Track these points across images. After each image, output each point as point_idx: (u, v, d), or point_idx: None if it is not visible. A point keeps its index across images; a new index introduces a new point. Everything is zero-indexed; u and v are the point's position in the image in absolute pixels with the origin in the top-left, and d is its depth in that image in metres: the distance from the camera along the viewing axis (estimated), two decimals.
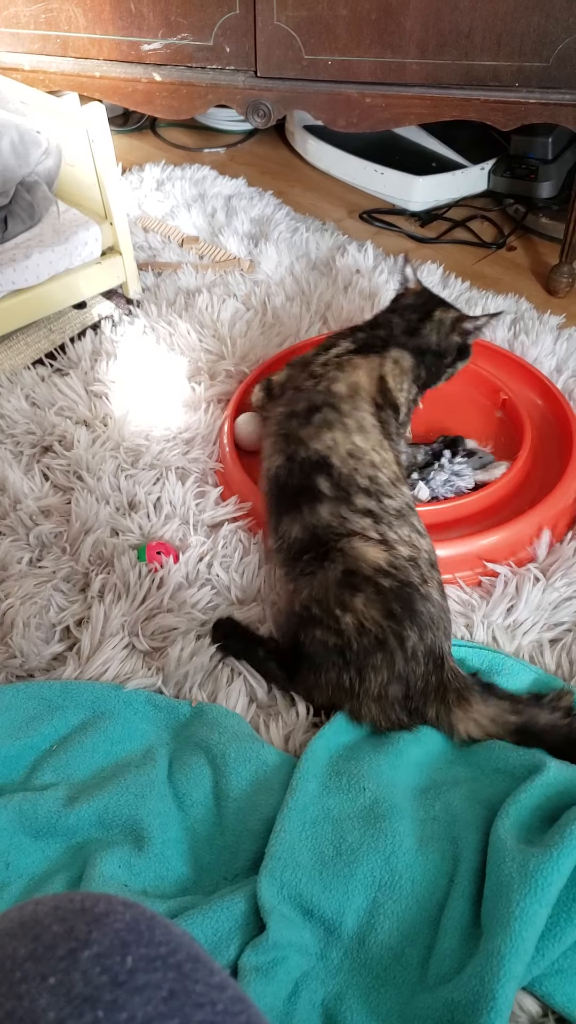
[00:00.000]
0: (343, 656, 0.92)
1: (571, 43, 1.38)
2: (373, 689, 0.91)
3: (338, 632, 0.92)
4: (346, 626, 0.91)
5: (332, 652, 0.92)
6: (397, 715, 0.91)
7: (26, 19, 1.64)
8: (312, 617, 0.94)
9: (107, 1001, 0.35)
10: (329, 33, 1.48)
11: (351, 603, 0.91)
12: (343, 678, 0.92)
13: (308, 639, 0.94)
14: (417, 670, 0.90)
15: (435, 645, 0.92)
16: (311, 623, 0.94)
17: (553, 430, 1.31)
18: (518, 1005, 0.72)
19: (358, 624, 0.91)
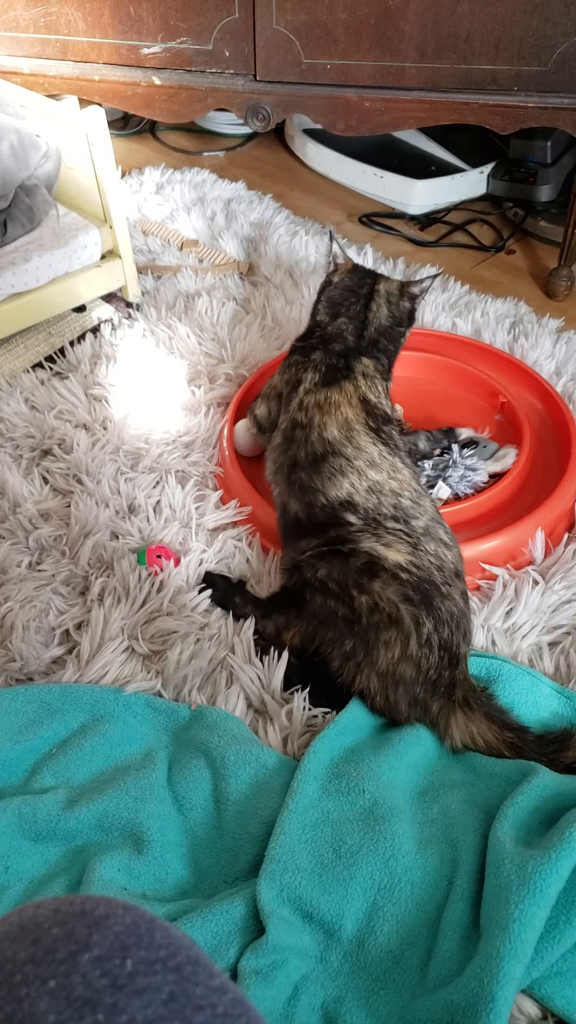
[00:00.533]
0: (351, 627, 0.93)
1: (569, 47, 1.39)
2: (381, 663, 0.91)
3: (350, 607, 0.93)
4: (359, 605, 0.92)
5: (339, 620, 0.93)
6: (396, 697, 0.91)
7: (25, 23, 1.65)
8: (326, 589, 0.95)
9: (107, 1004, 0.35)
10: (328, 37, 1.49)
11: (368, 585, 0.93)
12: (344, 642, 0.93)
13: (314, 602, 0.95)
14: (430, 658, 0.90)
15: (452, 642, 0.92)
16: (323, 592, 0.95)
17: (552, 433, 1.32)
18: (517, 1007, 0.72)
19: (372, 604, 0.92)
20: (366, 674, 0.92)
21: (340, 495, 1.00)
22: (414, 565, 0.94)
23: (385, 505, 0.99)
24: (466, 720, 0.91)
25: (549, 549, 1.14)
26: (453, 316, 1.60)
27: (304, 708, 0.97)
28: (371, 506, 0.99)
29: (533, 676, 0.97)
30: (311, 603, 0.96)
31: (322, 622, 0.95)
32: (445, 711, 0.91)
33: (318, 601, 0.95)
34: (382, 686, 0.92)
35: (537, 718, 0.95)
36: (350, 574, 0.94)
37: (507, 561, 1.12)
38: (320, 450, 1.02)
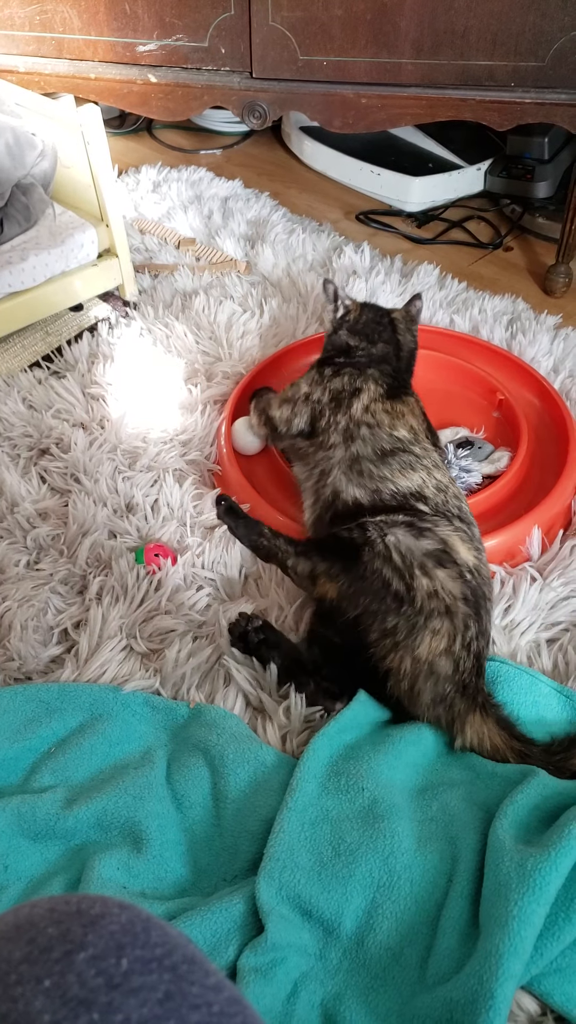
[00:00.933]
0: (399, 604, 0.92)
1: (567, 42, 1.38)
2: (421, 649, 0.90)
3: (407, 585, 0.92)
4: (419, 586, 0.92)
5: (389, 594, 0.92)
6: (423, 687, 0.90)
7: (21, 21, 1.64)
8: (388, 557, 0.93)
9: (102, 1003, 0.35)
10: (324, 34, 1.49)
11: (433, 572, 0.92)
12: (388, 618, 0.92)
13: (371, 565, 0.93)
14: (467, 662, 0.91)
15: (482, 653, 0.93)
16: (383, 559, 0.93)
17: (550, 430, 1.31)
18: (517, 1004, 0.72)
19: (432, 590, 0.91)
20: (401, 655, 0.91)
21: (412, 486, 1.01)
22: (479, 571, 0.94)
23: (452, 506, 1.02)
24: (482, 722, 0.90)
25: (546, 546, 1.14)
26: (451, 313, 1.60)
27: (301, 708, 0.97)
28: (440, 502, 1.01)
29: (532, 675, 0.97)
30: (366, 565, 0.94)
31: (368, 590, 0.93)
32: (465, 712, 0.91)
33: (375, 566, 0.93)
34: (414, 672, 0.90)
35: (537, 717, 0.94)
36: (418, 553, 0.93)
37: (505, 559, 1.12)
38: (389, 447, 1.05)
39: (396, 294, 1.65)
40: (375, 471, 1.03)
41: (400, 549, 0.93)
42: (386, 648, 0.92)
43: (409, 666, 0.91)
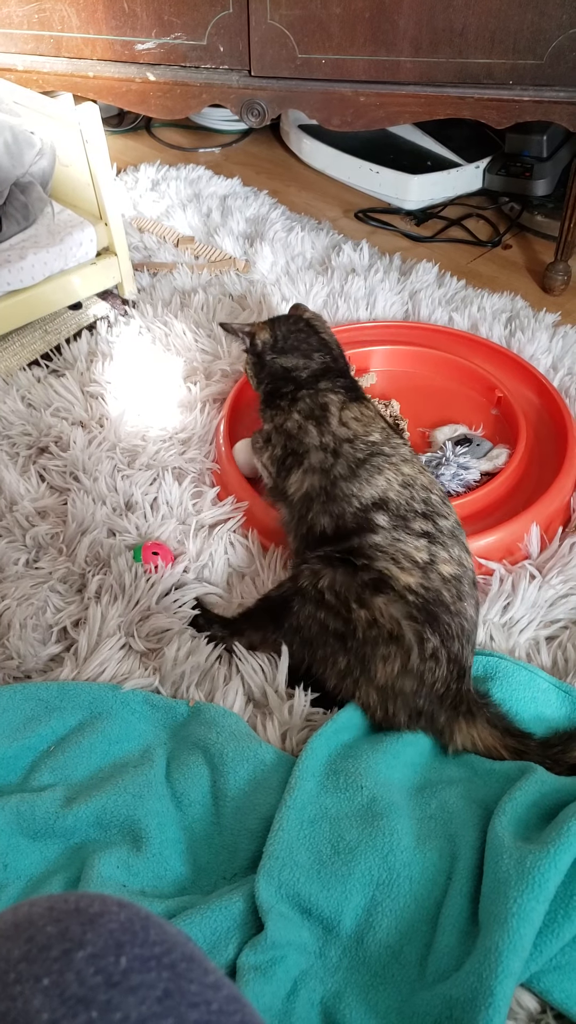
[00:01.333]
0: (343, 642, 0.92)
1: (565, 40, 1.38)
2: (379, 678, 0.90)
3: (345, 620, 0.92)
4: (356, 618, 0.92)
5: (329, 635, 0.93)
6: (395, 710, 0.91)
7: (19, 19, 1.64)
8: (320, 600, 0.94)
9: (101, 1001, 0.35)
10: (323, 32, 1.48)
11: (370, 600, 0.92)
12: (337, 660, 0.93)
13: (302, 613, 0.95)
14: (436, 671, 0.90)
15: (461, 655, 0.92)
16: (316, 604, 0.94)
17: (548, 428, 1.31)
18: (516, 1001, 0.72)
19: (371, 619, 0.91)
20: (364, 690, 0.92)
21: (375, 493, 1.00)
22: (424, 587, 0.93)
23: (417, 500, 1.00)
24: (468, 727, 0.90)
25: (545, 544, 1.14)
26: (450, 311, 1.60)
27: (304, 705, 0.97)
28: (403, 501, 1.00)
29: (530, 671, 0.97)
30: (297, 614, 0.95)
31: (308, 637, 0.95)
32: (449, 721, 0.90)
33: (306, 612, 0.95)
34: (381, 700, 0.91)
35: (535, 714, 0.95)
36: (353, 587, 0.93)
37: (504, 556, 1.12)
38: (363, 455, 1.04)
39: (395, 292, 1.65)
40: (344, 491, 1.01)
41: (334, 588, 0.94)
42: (348, 688, 0.93)
43: (375, 697, 0.91)
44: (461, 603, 0.94)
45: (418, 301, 1.62)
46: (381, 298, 1.63)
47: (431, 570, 0.94)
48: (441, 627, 0.91)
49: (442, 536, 0.98)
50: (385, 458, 1.04)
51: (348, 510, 1.00)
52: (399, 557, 0.94)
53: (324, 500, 1.02)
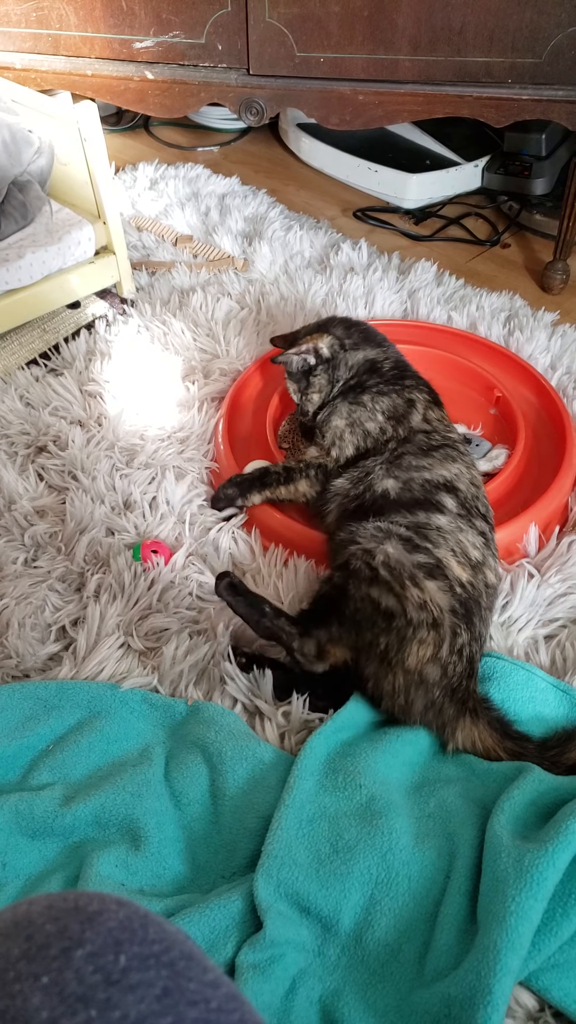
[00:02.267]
0: (389, 621, 0.91)
1: (564, 39, 1.38)
2: (410, 661, 0.90)
3: (398, 597, 0.92)
4: (410, 596, 0.92)
5: (379, 615, 0.92)
6: (414, 697, 0.91)
7: (17, 17, 1.64)
8: (374, 578, 0.93)
9: (100, 1000, 0.35)
10: (321, 30, 1.48)
11: (424, 583, 0.93)
12: (379, 641, 0.91)
13: (358, 595, 0.93)
14: (457, 667, 0.91)
15: (475, 657, 0.93)
16: (369, 582, 0.93)
17: (547, 427, 1.31)
18: (515, 1000, 0.73)
19: (422, 601, 0.91)
20: (394, 672, 0.91)
21: (447, 475, 1.03)
22: (471, 584, 0.95)
23: (481, 503, 1.04)
24: (472, 725, 0.91)
25: (543, 543, 1.14)
26: (448, 310, 1.60)
27: (303, 712, 0.96)
28: (471, 496, 1.03)
29: (528, 671, 0.97)
30: (353, 599, 0.93)
31: (360, 620, 0.93)
32: (455, 716, 0.91)
33: (361, 593, 0.93)
34: (406, 685, 0.91)
35: (534, 713, 0.95)
36: (408, 566, 0.94)
37: (503, 556, 1.12)
38: (438, 443, 1.08)
39: (394, 291, 1.65)
40: (414, 462, 1.05)
41: (390, 563, 0.94)
42: (382, 673, 0.92)
43: (402, 680, 0.91)
44: (489, 613, 0.98)
45: (417, 300, 1.62)
46: (380, 297, 1.63)
47: (479, 571, 0.96)
48: (473, 627, 0.93)
49: (492, 544, 1.01)
50: (460, 454, 1.08)
51: (416, 478, 1.02)
52: (458, 549, 0.96)
53: (387, 465, 1.05)
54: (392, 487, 1.03)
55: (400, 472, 1.04)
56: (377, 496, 1.03)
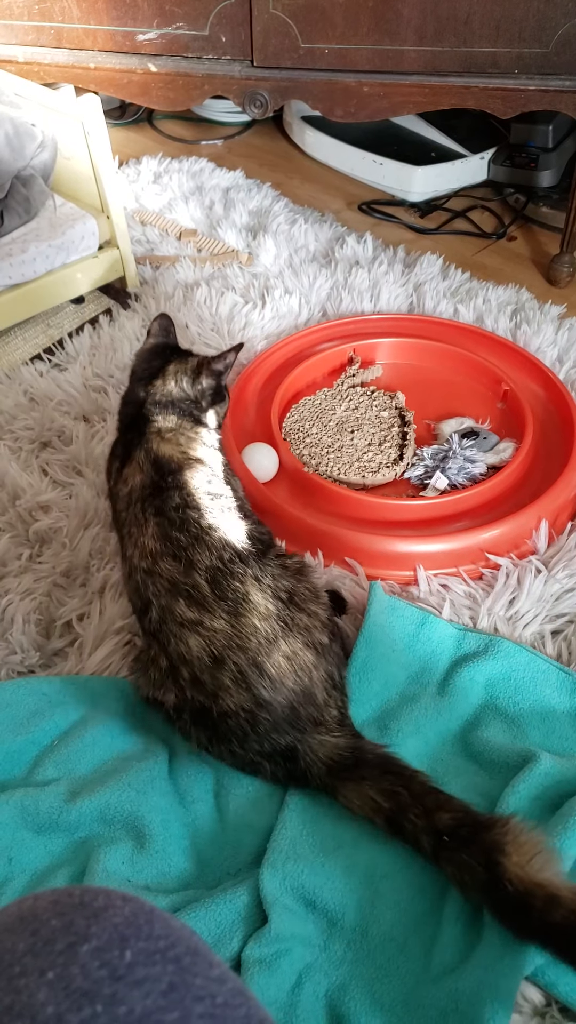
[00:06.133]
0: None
1: (571, 28, 1.37)
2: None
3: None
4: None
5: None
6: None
7: (20, 10, 1.63)
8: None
9: (106, 995, 0.35)
10: (326, 21, 1.47)
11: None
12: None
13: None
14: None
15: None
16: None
17: (554, 421, 1.31)
18: (522, 995, 0.72)
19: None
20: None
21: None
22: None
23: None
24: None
25: (552, 538, 1.13)
26: (455, 303, 1.59)
27: None
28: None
29: (532, 653, 0.97)
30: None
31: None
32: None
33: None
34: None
35: (537, 696, 0.94)
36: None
37: (510, 550, 1.11)
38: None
39: (399, 284, 1.64)
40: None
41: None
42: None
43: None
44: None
45: (423, 293, 1.62)
46: (385, 291, 1.62)
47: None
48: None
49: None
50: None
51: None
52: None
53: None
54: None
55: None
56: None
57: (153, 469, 0.94)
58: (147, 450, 0.97)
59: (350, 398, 1.38)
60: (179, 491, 0.91)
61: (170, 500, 0.91)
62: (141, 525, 0.90)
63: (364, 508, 1.16)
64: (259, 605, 0.84)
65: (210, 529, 0.89)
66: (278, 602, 0.86)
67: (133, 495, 0.93)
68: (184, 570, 0.85)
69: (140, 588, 0.88)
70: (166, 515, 0.89)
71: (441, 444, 1.27)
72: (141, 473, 0.95)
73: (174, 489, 0.92)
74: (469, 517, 1.15)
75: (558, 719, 0.92)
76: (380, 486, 1.24)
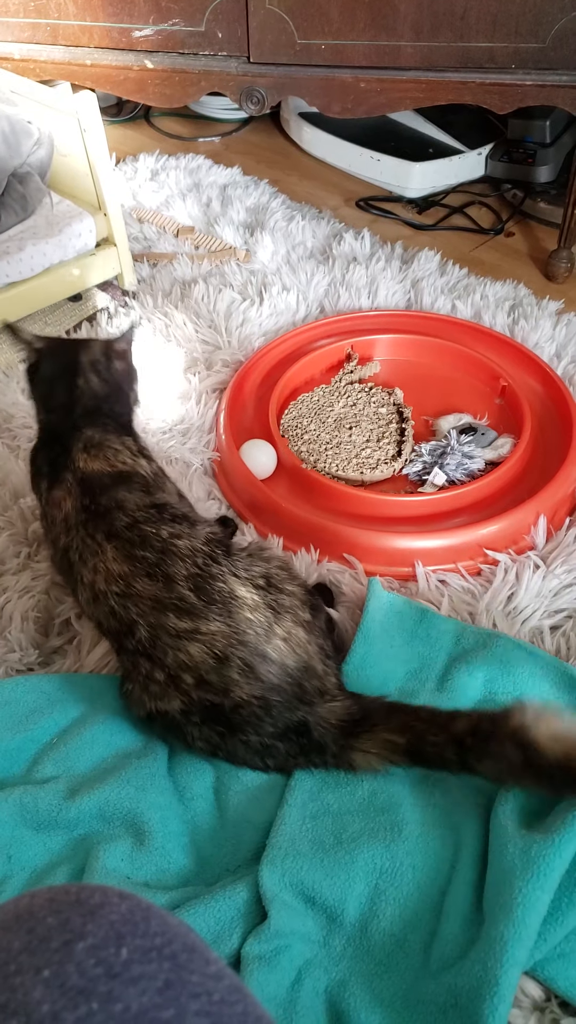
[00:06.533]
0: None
1: (568, 23, 1.36)
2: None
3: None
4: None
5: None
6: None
7: (15, 7, 1.63)
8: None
9: (102, 992, 0.35)
10: (322, 16, 1.47)
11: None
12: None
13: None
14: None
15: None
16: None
17: (552, 417, 1.30)
18: (521, 990, 0.72)
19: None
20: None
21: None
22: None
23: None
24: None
25: (551, 533, 1.13)
26: (453, 299, 1.59)
27: None
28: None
29: (530, 648, 0.97)
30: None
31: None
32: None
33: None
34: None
35: (536, 691, 0.94)
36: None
37: (509, 545, 1.11)
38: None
39: (397, 281, 1.64)
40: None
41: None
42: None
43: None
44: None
45: (420, 290, 1.61)
46: (383, 287, 1.62)
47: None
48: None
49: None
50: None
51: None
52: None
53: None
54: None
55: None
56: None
57: (82, 491, 0.91)
58: (74, 470, 0.93)
59: (348, 394, 1.38)
60: (120, 511, 0.89)
61: (117, 520, 0.88)
62: (95, 551, 0.88)
63: (362, 504, 1.16)
64: (246, 598, 0.85)
65: (173, 538, 0.87)
66: (260, 590, 0.87)
67: (70, 520, 0.91)
68: (165, 586, 0.84)
69: (118, 611, 0.86)
70: (121, 536, 0.87)
71: (439, 440, 1.27)
72: (71, 496, 0.92)
73: (115, 509, 0.89)
74: (467, 513, 1.15)
75: None
76: (378, 482, 1.24)
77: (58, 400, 1.00)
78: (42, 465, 0.98)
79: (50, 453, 0.97)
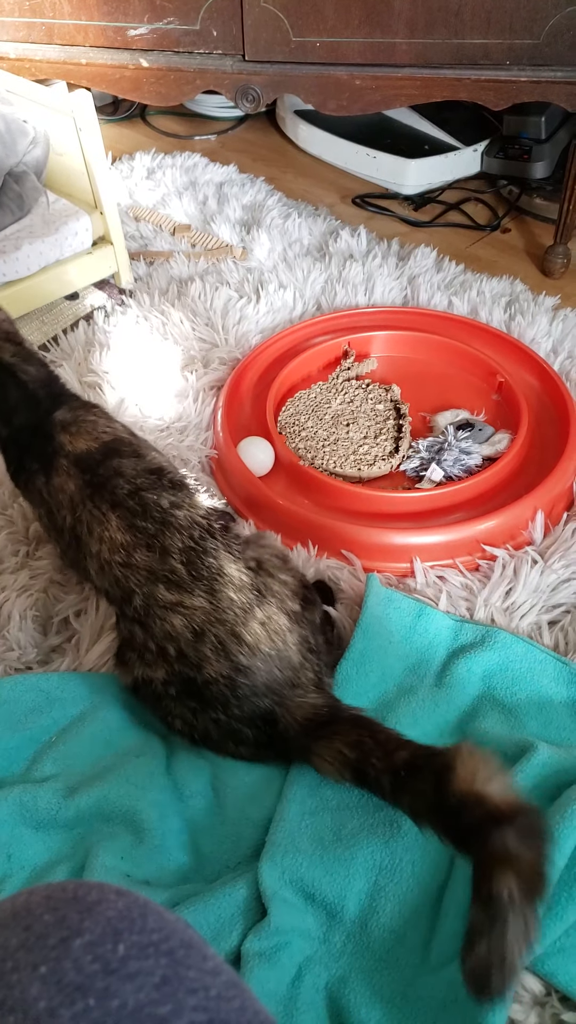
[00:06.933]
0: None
1: (562, 19, 1.36)
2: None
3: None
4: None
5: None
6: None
7: (10, 6, 1.62)
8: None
9: (99, 989, 0.35)
10: (317, 14, 1.46)
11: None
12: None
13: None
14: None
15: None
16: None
17: (549, 412, 1.30)
18: (521, 985, 0.72)
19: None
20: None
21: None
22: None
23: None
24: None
25: (548, 528, 1.13)
26: (449, 295, 1.59)
27: None
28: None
29: (529, 643, 0.97)
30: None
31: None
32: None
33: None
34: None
35: (534, 686, 0.94)
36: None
37: (506, 541, 1.11)
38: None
39: (393, 277, 1.64)
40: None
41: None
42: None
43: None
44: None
45: (417, 286, 1.61)
46: (380, 284, 1.61)
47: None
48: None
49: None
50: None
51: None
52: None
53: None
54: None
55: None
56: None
57: (80, 470, 0.92)
58: (65, 454, 0.94)
59: (345, 391, 1.38)
60: (120, 477, 0.90)
61: (119, 488, 0.90)
62: (101, 520, 0.89)
63: (360, 501, 1.16)
64: (233, 577, 0.86)
65: (173, 508, 0.89)
66: (250, 572, 0.88)
67: (75, 499, 0.92)
68: (160, 558, 0.86)
69: (120, 580, 0.88)
70: (124, 505, 0.89)
71: (436, 436, 1.27)
72: (71, 478, 0.92)
73: (115, 476, 0.90)
74: (465, 509, 1.15)
75: (555, 709, 0.92)
76: (376, 479, 1.24)
77: (13, 402, 1.00)
78: (31, 465, 0.97)
79: (35, 452, 0.97)
